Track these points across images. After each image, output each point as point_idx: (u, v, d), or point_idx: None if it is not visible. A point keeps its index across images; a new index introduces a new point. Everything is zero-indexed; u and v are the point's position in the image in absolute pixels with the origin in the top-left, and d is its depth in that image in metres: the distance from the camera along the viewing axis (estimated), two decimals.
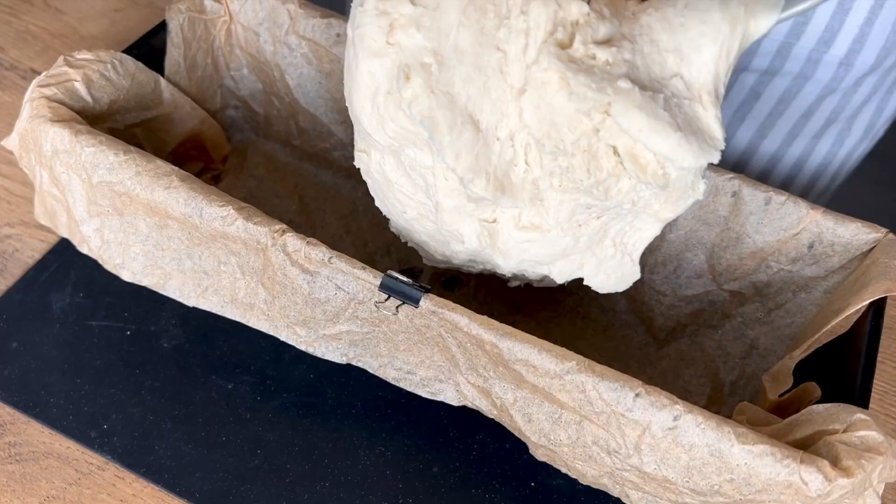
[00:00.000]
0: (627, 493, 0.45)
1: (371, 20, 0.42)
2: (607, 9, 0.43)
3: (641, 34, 0.43)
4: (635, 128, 0.41)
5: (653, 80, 0.42)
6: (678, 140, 0.41)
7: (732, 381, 0.55)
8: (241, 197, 0.64)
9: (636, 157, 0.42)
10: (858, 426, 0.40)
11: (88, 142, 0.49)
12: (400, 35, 0.42)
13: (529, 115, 0.42)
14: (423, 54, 0.42)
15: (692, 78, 0.43)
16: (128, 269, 0.52)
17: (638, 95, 0.41)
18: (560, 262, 0.49)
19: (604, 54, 0.41)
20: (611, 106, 0.41)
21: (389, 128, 0.44)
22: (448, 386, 0.48)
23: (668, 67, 0.43)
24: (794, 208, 0.53)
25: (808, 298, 0.54)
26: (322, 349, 0.49)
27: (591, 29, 0.42)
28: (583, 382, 0.41)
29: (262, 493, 0.50)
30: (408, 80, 0.42)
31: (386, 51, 0.42)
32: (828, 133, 0.76)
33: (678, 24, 0.43)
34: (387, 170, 0.48)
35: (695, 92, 0.43)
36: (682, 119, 0.42)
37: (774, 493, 0.39)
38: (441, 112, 0.42)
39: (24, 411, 0.53)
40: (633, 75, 0.42)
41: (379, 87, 0.43)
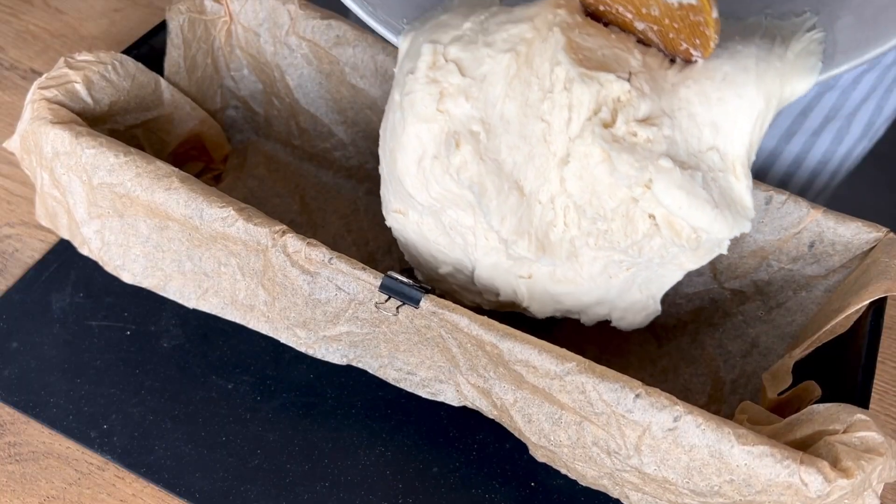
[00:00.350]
0: (627, 494, 0.45)
1: (422, 87, 0.45)
2: (647, 85, 0.44)
3: (680, 108, 0.44)
4: (675, 205, 0.43)
5: (690, 155, 0.44)
6: (715, 216, 0.43)
7: (733, 380, 0.55)
8: (243, 197, 0.64)
9: (672, 224, 0.44)
10: (858, 427, 0.40)
11: (89, 143, 0.49)
12: (449, 103, 0.44)
13: (572, 185, 0.44)
14: (472, 123, 0.44)
15: (727, 150, 0.44)
16: (128, 270, 0.52)
17: (678, 175, 0.43)
18: (590, 310, 0.51)
19: (645, 132, 0.43)
20: (652, 183, 0.43)
21: (434, 190, 0.46)
22: (448, 386, 0.48)
23: (704, 140, 0.44)
24: (795, 207, 0.53)
25: (808, 297, 0.54)
26: (322, 351, 0.49)
27: (632, 108, 0.43)
28: (583, 383, 0.41)
29: (262, 492, 0.50)
30: (458, 146, 0.44)
31: (435, 117, 0.45)
32: (826, 130, 0.76)
33: (716, 99, 0.44)
34: (424, 229, 0.49)
35: (729, 163, 0.44)
36: (718, 192, 0.44)
37: (774, 494, 0.39)
38: (489, 178, 0.45)
39: (24, 411, 0.53)
40: (672, 151, 0.43)
41: (426, 151, 0.45)
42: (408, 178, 0.47)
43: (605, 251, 0.46)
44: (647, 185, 0.43)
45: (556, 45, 0.44)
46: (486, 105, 0.44)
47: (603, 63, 0.43)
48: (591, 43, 0.44)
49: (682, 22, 0.43)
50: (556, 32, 0.44)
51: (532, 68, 0.44)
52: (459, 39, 0.45)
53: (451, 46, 0.45)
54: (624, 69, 0.44)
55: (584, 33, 0.44)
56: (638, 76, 0.44)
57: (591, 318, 0.52)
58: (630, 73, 0.43)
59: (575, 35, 0.44)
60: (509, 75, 0.44)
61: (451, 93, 0.44)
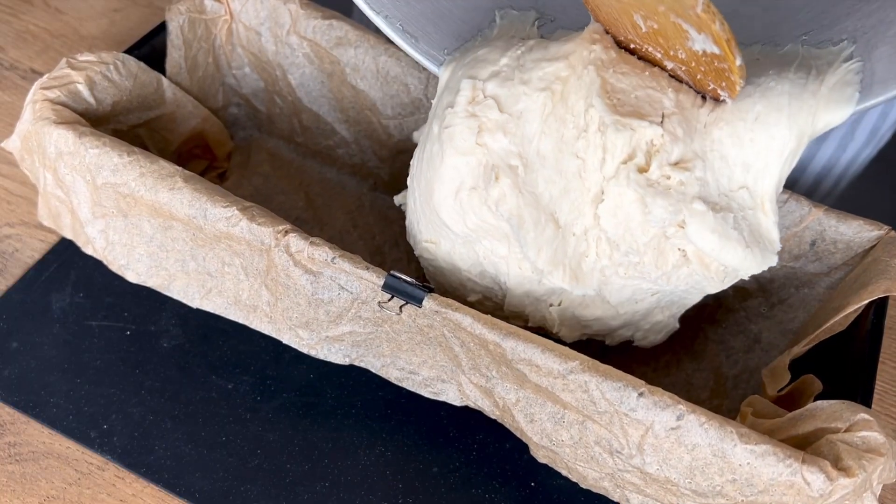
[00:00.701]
0: (628, 496, 0.45)
1: (461, 121, 0.46)
2: (680, 128, 0.44)
3: (713, 149, 0.45)
4: (708, 247, 0.44)
5: (721, 195, 0.45)
6: (745, 255, 0.44)
7: (735, 375, 0.56)
8: (248, 194, 0.64)
9: (702, 259, 0.45)
10: (861, 426, 0.41)
11: (92, 143, 0.49)
12: (488, 138, 0.45)
13: (606, 221, 0.45)
14: (510, 157, 0.45)
15: (757, 188, 0.45)
16: (132, 270, 0.52)
17: (711, 218, 0.44)
18: (616, 333, 0.52)
19: (678, 175, 0.44)
20: (686, 225, 0.44)
21: (470, 220, 0.47)
22: (451, 386, 0.48)
23: (735, 179, 0.45)
24: (797, 206, 0.53)
25: (810, 294, 0.54)
26: (324, 352, 0.49)
27: (665, 152, 0.44)
28: (586, 382, 0.42)
29: (262, 492, 0.50)
30: (497, 179, 0.46)
31: (474, 150, 0.46)
32: (831, 137, 0.76)
33: (748, 140, 0.44)
34: (456, 259, 0.50)
35: (758, 200, 0.45)
36: (748, 231, 0.45)
37: (776, 493, 0.40)
38: (527, 210, 0.46)
39: (24, 411, 0.53)
40: (704, 192, 0.44)
41: (464, 183, 0.46)
42: (444, 208, 0.48)
43: (634, 280, 0.47)
44: (681, 224, 0.44)
45: (591, 87, 0.44)
46: (524, 140, 0.45)
47: (636, 107, 0.44)
48: (626, 83, 0.44)
49: (707, 66, 0.43)
50: (590, 72, 0.44)
51: (567, 106, 0.45)
52: (497, 75, 0.46)
53: (489, 82, 0.46)
54: (657, 112, 0.44)
55: (619, 72, 0.45)
56: (671, 118, 0.44)
57: (615, 339, 0.53)
58: (663, 115, 0.44)
59: (609, 75, 0.44)
60: (545, 113, 0.45)
61: (490, 128, 0.45)
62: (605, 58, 0.45)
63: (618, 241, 0.45)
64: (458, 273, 0.51)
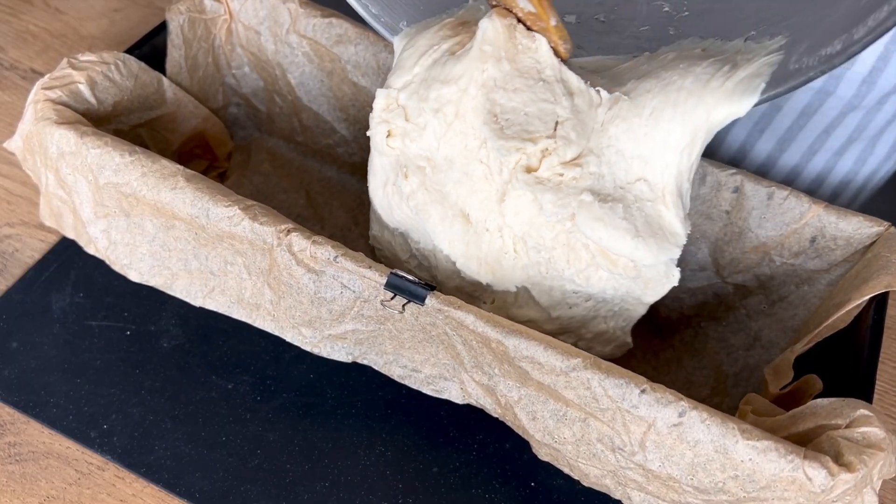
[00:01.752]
0: (629, 494, 0.45)
1: (376, 126, 0.50)
2: (574, 131, 0.46)
3: (609, 145, 0.47)
4: (596, 236, 0.46)
5: (617, 187, 0.47)
6: (635, 245, 0.46)
7: (736, 373, 0.56)
8: (249, 193, 0.64)
9: (606, 254, 0.47)
10: (861, 422, 0.41)
11: (94, 143, 0.49)
12: (396, 142, 0.49)
13: (511, 219, 0.47)
14: (418, 159, 0.49)
15: (656, 180, 0.46)
16: (135, 269, 0.52)
17: (597, 208, 0.46)
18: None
19: (571, 172, 0.46)
20: (575, 217, 0.46)
21: (396, 213, 0.51)
22: (453, 384, 0.48)
23: (632, 172, 0.47)
24: (797, 203, 0.53)
25: (810, 291, 0.55)
26: (328, 349, 0.50)
27: (558, 155, 0.46)
28: (588, 379, 0.42)
29: (261, 492, 0.51)
30: (406, 178, 0.49)
31: (389, 152, 0.50)
32: (850, 151, 0.76)
33: (643, 135, 0.46)
34: (396, 250, 0.53)
35: (658, 193, 0.47)
36: (643, 221, 0.46)
37: (778, 489, 0.40)
38: (434, 206, 0.49)
39: (24, 411, 0.53)
40: (598, 185, 0.46)
41: (388, 179, 0.51)
42: (376, 200, 0.52)
43: (557, 280, 0.48)
44: (572, 219, 0.46)
45: (478, 111, 0.47)
46: (429, 147, 0.48)
47: (525, 125, 0.46)
48: (517, 101, 0.46)
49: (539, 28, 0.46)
50: (479, 95, 0.47)
51: (466, 122, 0.47)
52: (407, 87, 0.49)
53: (401, 93, 0.49)
54: (549, 124, 0.46)
55: (511, 89, 0.46)
56: (564, 124, 0.46)
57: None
58: (557, 123, 0.46)
59: (499, 95, 0.46)
60: (443, 128, 0.48)
61: (398, 134, 0.49)
62: (497, 75, 0.46)
63: (525, 238, 0.47)
64: (402, 264, 0.54)
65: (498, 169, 0.46)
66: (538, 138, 0.46)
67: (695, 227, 0.56)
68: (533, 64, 0.47)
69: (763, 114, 0.75)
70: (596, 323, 0.51)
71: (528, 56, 0.47)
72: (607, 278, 0.48)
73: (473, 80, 0.46)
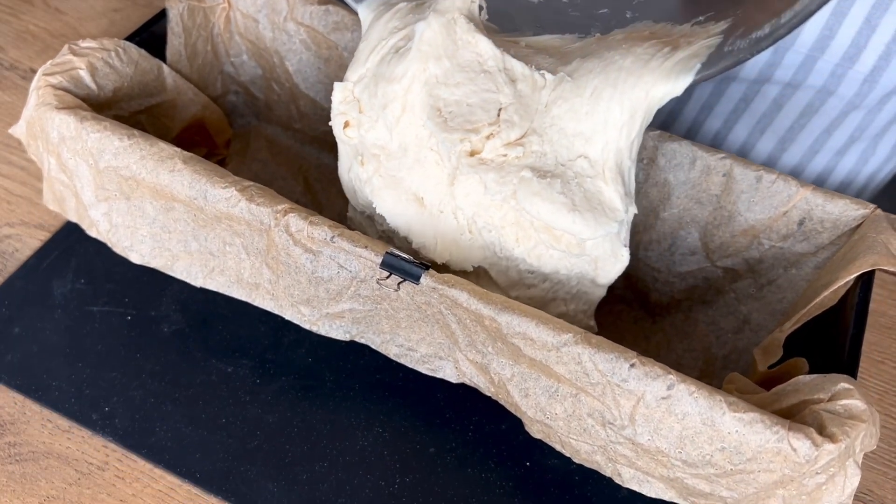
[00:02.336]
0: (619, 470, 0.46)
1: (334, 117, 0.52)
2: (517, 115, 0.48)
3: (552, 124, 0.48)
4: (535, 210, 0.48)
5: (558, 164, 0.48)
6: (572, 218, 0.47)
7: (725, 356, 0.57)
8: (248, 180, 0.64)
9: (550, 231, 0.48)
10: (842, 395, 0.41)
11: (94, 127, 0.50)
12: (350, 132, 0.51)
13: (461, 201, 0.49)
14: (373, 148, 0.51)
15: (596, 156, 0.48)
16: (136, 251, 0.53)
17: (535, 183, 0.47)
18: None
19: (513, 152, 0.48)
20: (517, 193, 0.48)
21: (359, 196, 0.53)
22: (448, 363, 0.49)
23: (574, 150, 0.48)
24: (785, 186, 0.54)
25: (798, 274, 0.55)
26: (326, 328, 0.50)
27: (501, 138, 0.48)
28: (579, 354, 0.42)
29: (261, 472, 0.51)
30: (362, 165, 0.51)
31: (348, 140, 0.52)
32: (851, 150, 0.76)
33: (584, 114, 0.48)
34: (367, 231, 0.55)
35: (598, 169, 0.48)
36: (581, 196, 0.48)
37: (764, 461, 0.40)
38: (387, 191, 0.51)
39: (27, 395, 0.53)
40: (540, 163, 0.48)
41: (352, 165, 0.53)
42: (343, 184, 0.55)
43: (512, 262, 0.50)
44: (514, 196, 0.48)
45: (423, 107, 0.49)
46: (383, 137, 0.50)
47: (468, 116, 0.48)
48: (459, 94, 0.48)
49: None
50: (422, 93, 0.48)
51: (414, 114, 0.49)
52: (361, 80, 0.51)
53: (356, 86, 0.51)
54: (492, 112, 0.48)
55: (452, 84, 0.48)
56: (507, 108, 0.48)
57: None
58: (500, 110, 0.48)
59: (442, 91, 0.48)
60: (393, 122, 0.49)
61: (353, 124, 0.51)
62: (438, 72, 0.48)
63: (475, 218, 0.49)
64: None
65: (447, 156, 0.48)
66: (481, 127, 0.48)
67: (685, 211, 0.57)
68: (474, 57, 0.49)
69: (763, 113, 0.75)
70: (556, 305, 0.52)
71: (469, 50, 0.49)
72: (558, 258, 0.49)
73: (416, 79, 0.48)
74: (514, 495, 0.52)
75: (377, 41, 0.51)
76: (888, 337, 0.63)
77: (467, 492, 0.52)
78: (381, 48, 0.51)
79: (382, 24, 0.52)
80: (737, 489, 0.42)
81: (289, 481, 0.51)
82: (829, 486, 0.41)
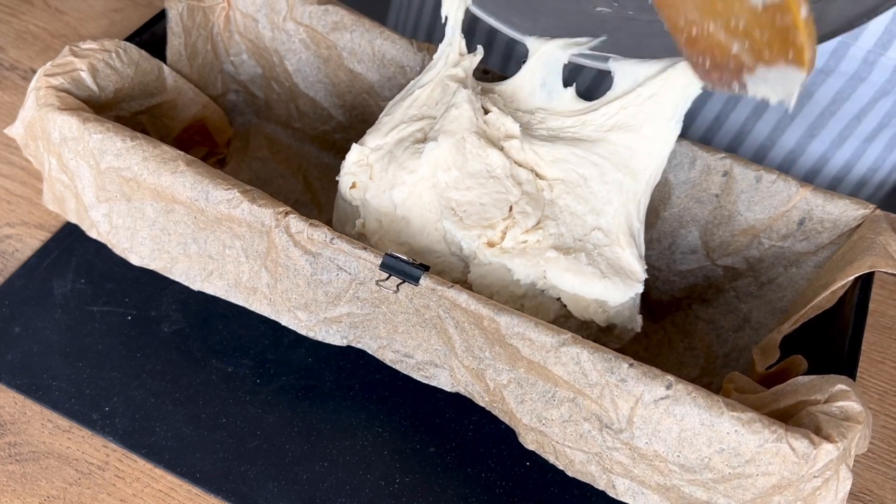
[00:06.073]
0: (613, 481, 0.46)
1: (344, 175, 0.54)
2: (529, 206, 0.50)
3: (562, 210, 0.51)
4: (569, 284, 0.50)
5: (576, 240, 0.51)
6: (604, 285, 0.50)
7: (725, 354, 0.57)
8: (248, 179, 0.65)
9: (577, 302, 0.50)
10: (839, 396, 0.42)
11: (96, 129, 0.50)
12: (356, 193, 0.53)
13: (479, 284, 0.51)
14: (376, 213, 0.52)
15: (608, 227, 0.51)
16: (136, 253, 0.53)
17: (563, 261, 0.49)
18: None
19: (533, 237, 0.50)
20: (546, 272, 0.50)
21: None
22: (443, 371, 0.49)
23: (587, 225, 0.51)
24: (785, 186, 0.54)
25: (798, 273, 0.55)
26: (322, 333, 0.50)
27: (518, 227, 0.50)
28: (577, 354, 0.42)
29: (261, 472, 0.51)
30: (364, 227, 0.53)
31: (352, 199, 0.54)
32: (879, 137, 0.76)
33: (588, 194, 0.51)
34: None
35: (613, 237, 0.51)
36: (606, 264, 0.50)
37: (763, 463, 0.41)
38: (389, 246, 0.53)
39: (27, 394, 0.53)
40: (559, 242, 0.50)
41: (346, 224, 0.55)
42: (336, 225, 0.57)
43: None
44: (543, 276, 0.50)
45: (435, 207, 0.51)
46: (388, 206, 0.52)
47: (482, 213, 0.50)
48: (471, 196, 0.51)
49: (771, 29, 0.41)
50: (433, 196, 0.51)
51: (423, 202, 0.51)
52: (378, 150, 0.53)
53: (373, 153, 0.53)
54: (504, 209, 0.50)
55: (463, 188, 0.51)
56: (519, 203, 0.50)
57: None
58: (511, 207, 0.50)
59: (453, 194, 0.51)
60: (399, 201, 0.51)
61: (360, 187, 0.53)
62: (448, 180, 0.51)
63: (495, 297, 0.50)
64: None
65: (458, 248, 0.51)
66: (496, 223, 0.50)
67: (685, 210, 0.57)
68: (483, 166, 0.51)
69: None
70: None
71: (479, 162, 0.51)
72: (576, 328, 0.51)
73: (426, 180, 0.51)
74: (514, 495, 0.52)
75: (399, 121, 0.53)
76: (888, 337, 0.63)
77: (467, 492, 0.52)
78: (402, 129, 0.53)
79: (404, 108, 0.54)
80: (734, 496, 0.42)
81: (289, 481, 0.51)
82: (824, 491, 0.41)
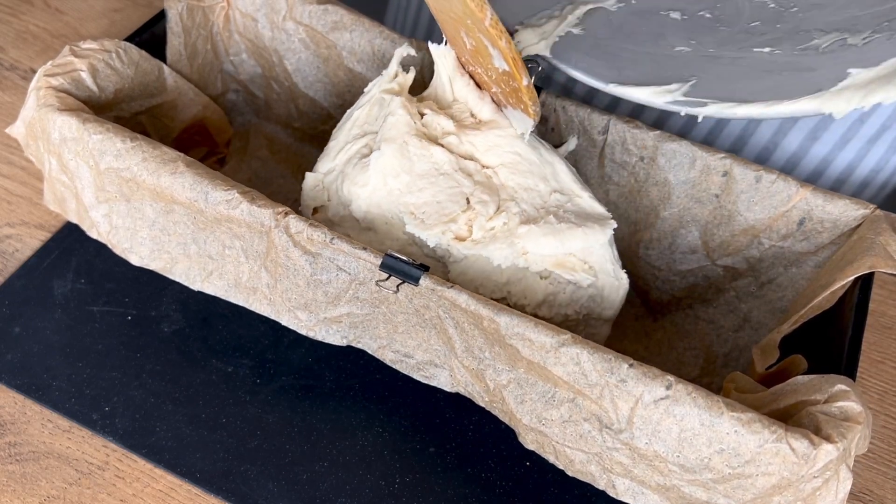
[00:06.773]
0: (613, 481, 0.46)
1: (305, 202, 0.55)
2: (485, 195, 0.51)
3: (517, 190, 0.52)
4: (552, 248, 0.50)
5: (539, 209, 0.52)
6: (584, 233, 0.51)
7: (725, 353, 0.57)
8: (247, 178, 0.65)
9: (563, 264, 0.51)
10: (839, 397, 0.42)
11: (96, 129, 0.50)
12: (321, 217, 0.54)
13: (461, 279, 0.51)
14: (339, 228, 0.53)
15: (561, 184, 0.53)
16: (136, 253, 0.53)
17: (537, 229, 0.50)
18: None
19: (499, 221, 0.51)
20: (525, 248, 0.50)
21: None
22: (443, 371, 0.49)
23: (543, 192, 0.52)
24: (785, 186, 0.54)
25: (798, 273, 0.55)
26: (322, 333, 0.50)
27: (482, 216, 0.51)
28: (577, 354, 0.42)
29: (261, 472, 0.51)
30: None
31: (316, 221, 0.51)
32: (882, 139, 0.76)
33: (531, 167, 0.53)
34: None
35: (568, 191, 0.53)
36: (574, 216, 0.52)
37: (762, 463, 0.40)
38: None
39: (27, 394, 0.53)
40: (527, 217, 0.51)
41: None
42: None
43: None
44: (524, 252, 0.50)
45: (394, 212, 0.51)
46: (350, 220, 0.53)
47: (441, 210, 0.51)
48: (426, 196, 0.51)
49: (508, 87, 0.49)
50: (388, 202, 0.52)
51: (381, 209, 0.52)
52: (331, 173, 0.54)
53: (326, 177, 0.55)
54: (462, 202, 0.51)
55: (416, 189, 0.51)
56: (474, 193, 0.51)
57: None
58: (468, 199, 0.51)
59: (408, 198, 0.51)
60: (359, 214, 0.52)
61: (322, 210, 0.54)
62: (400, 186, 0.51)
63: (479, 288, 0.51)
64: None
65: (430, 249, 0.51)
66: (457, 216, 0.51)
67: (685, 210, 0.57)
68: (430, 165, 0.51)
69: None
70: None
71: (425, 161, 0.51)
72: (567, 302, 0.51)
73: (378, 190, 0.51)
74: (514, 495, 0.52)
75: (344, 143, 0.54)
76: (888, 337, 0.63)
77: (467, 492, 0.52)
78: (348, 149, 0.54)
79: (346, 130, 0.55)
80: (734, 496, 0.42)
81: (289, 481, 0.51)
82: (824, 491, 0.41)
